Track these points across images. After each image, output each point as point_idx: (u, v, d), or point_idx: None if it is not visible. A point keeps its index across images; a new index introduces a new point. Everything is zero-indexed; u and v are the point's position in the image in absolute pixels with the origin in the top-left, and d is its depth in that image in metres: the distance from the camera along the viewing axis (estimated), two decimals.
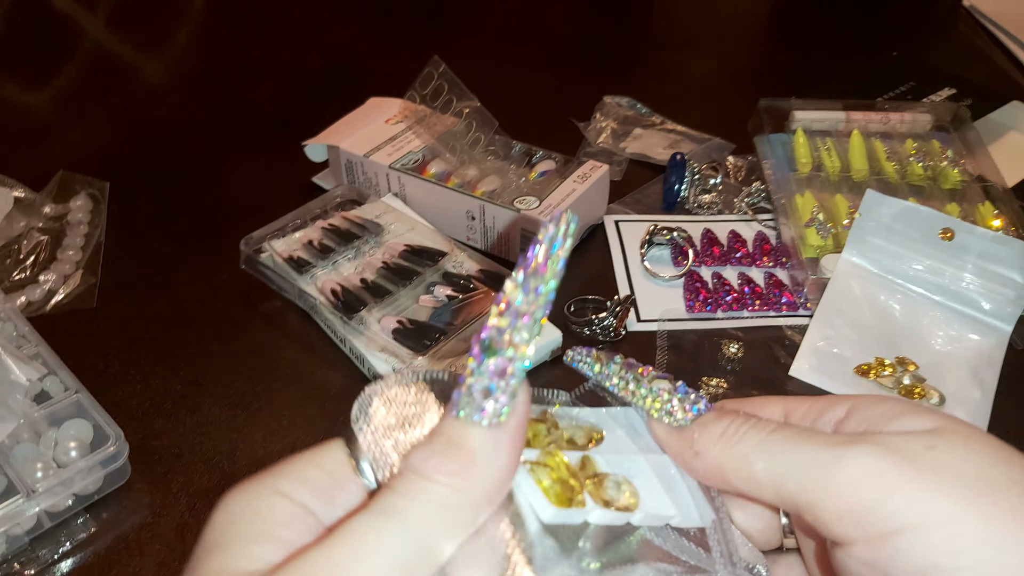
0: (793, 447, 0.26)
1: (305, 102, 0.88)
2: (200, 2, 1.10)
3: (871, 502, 0.24)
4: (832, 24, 1.07)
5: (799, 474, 0.25)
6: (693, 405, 0.29)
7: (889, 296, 0.59)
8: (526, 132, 0.72)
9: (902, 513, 0.23)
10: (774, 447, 0.26)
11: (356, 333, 0.54)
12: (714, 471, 0.28)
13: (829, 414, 0.28)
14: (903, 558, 0.23)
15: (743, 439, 0.27)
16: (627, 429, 0.31)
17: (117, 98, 0.88)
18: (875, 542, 0.24)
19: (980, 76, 0.90)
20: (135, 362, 0.57)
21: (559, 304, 0.60)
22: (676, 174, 0.70)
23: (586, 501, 0.27)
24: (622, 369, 0.30)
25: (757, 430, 0.27)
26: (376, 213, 0.63)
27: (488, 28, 1.05)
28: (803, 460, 0.25)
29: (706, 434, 0.28)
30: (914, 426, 0.26)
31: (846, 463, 0.24)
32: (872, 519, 0.24)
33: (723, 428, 0.28)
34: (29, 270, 0.64)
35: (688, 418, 0.29)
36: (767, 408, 0.30)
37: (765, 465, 0.26)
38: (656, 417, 0.29)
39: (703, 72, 0.94)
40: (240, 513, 0.23)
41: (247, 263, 0.60)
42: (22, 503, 0.44)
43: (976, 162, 0.68)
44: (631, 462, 0.29)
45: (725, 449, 0.27)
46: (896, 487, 0.24)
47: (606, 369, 0.31)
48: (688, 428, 0.28)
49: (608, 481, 0.28)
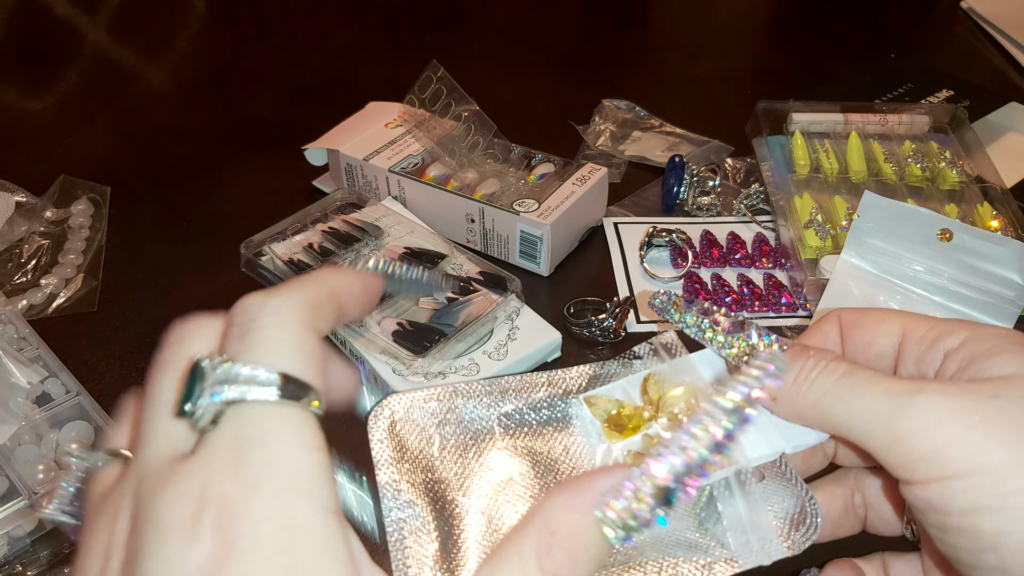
0: (859, 396, 0.27)
1: (305, 106, 0.88)
2: (201, 7, 1.11)
3: (930, 451, 0.25)
4: (830, 26, 1.07)
5: (866, 423, 0.27)
6: (767, 350, 0.30)
7: (888, 297, 0.59)
8: (525, 135, 0.72)
9: (958, 461, 0.25)
10: (842, 395, 0.28)
11: (356, 335, 0.54)
12: (791, 414, 0.30)
13: (945, 341, 0.29)
14: (958, 499, 0.25)
15: (813, 386, 0.28)
16: (712, 368, 0.33)
17: (118, 103, 0.88)
18: (933, 485, 0.26)
19: (978, 77, 0.90)
20: (136, 365, 0.57)
21: (558, 305, 0.60)
22: (675, 176, 0.70)
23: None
24: (698, 317, 0.32)
25: (826, 376, 0.28)
26: (376, 216, 0.63)
27: (487, 31, 1.06)
28: (869, 409, 0.27)
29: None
30: (1000, 370, 0.27)
31: (909, 414, 0.26)
32: (931, 466, 0.25)
33: (795, 374, 0.29)
34: (30, 274, 0.64)
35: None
36: (886, 323, 0.31)
37: (834, 411, 0.28)
38: (734, 363, 0.31)
39: (701, 75, 0.95)
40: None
41: (247, 266, 0.60)
42: (24, 505, 0.44)
43: (974, 163, 0.68)
44: None
45: (798, 395, 0.29)
46: (955, 437, 0.25)
47: (685, 317, 0.32)
48: None
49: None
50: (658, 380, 0.32)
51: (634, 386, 0.33)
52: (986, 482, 0.25)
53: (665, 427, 0.31)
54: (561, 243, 0.64)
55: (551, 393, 0.33)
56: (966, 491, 0.25)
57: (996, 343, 0.28)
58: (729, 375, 0.32)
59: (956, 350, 0.28)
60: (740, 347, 0.31)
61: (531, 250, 0.63)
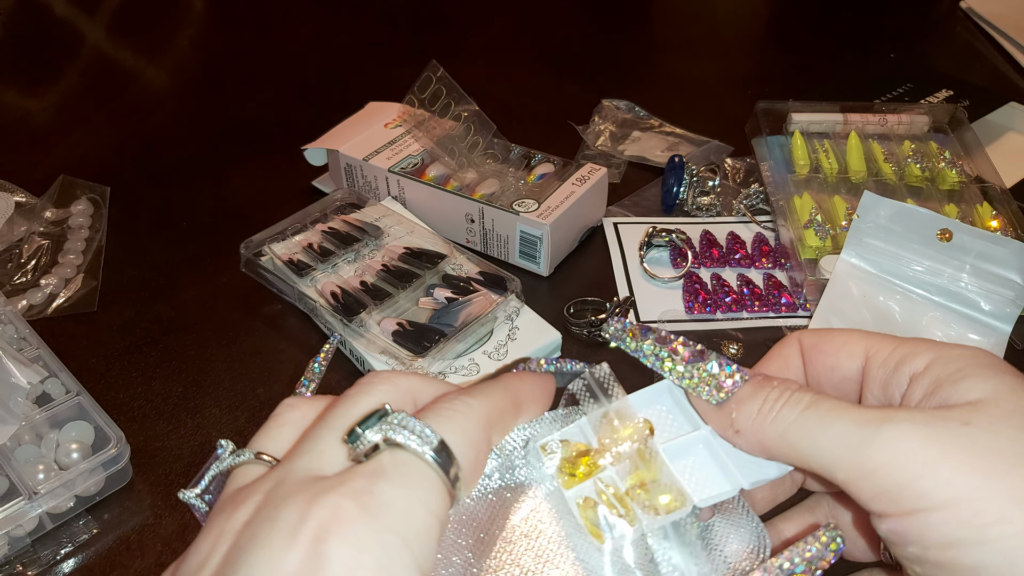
0: (825, 427, 0.26)
1: (304, 106, 0.88)
2: (200, 7, 1.11)
3: (902, 483, 0.25)
4: (829, 26, 1.07)
5: (833, 455, 0.26)
6: (728, 380, 0.29)
7: (888, 297, 0.59)
8: (525, 135, 0.72)
9: (932, 493, 0.24)
10: (808, 426, 0.27)
11: (356, 335, 0.54)
12: (755, 447, 0.29)
13: (910, 364, 0.28)
14: (933, 532, 0.24)
15: (778, 417, 0.28)
16: (677, 400, 0.32)
17: (118, 103, 0.88)
18: (906, 518, 0.25)
19: (977, 77, 0.90)
20: (136, 364, 0.57)
21: (558, 305, 0.60)
22: (675, 176, 0.70)
23: (638, 515, 0.29)
24: (655, 345, 0.31)
25: (791, 407, 0.27)
26: (375, 216, 0.63)
27: (486, 32, 1.06)
28: (836, 440, 0.26)
29: (743, 412, 0.29)
30: (968, 395, 0.26)
31: (879, 444, 0.25)
32: (904, 498, 0.25)
33: (758, 405, 0.28)
34: (30, 274, 0.64)
35: (724, 394, 0.29)
36: (848, 346, 0.30)
37: (801, 444, 0.27)
38: (694, 394, 0.30)
39: (701, 75, 0.95)
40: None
41: (247, 266, 0.60)
42: (24, 505, 0.44)
43: (974, 163, 0.68)
44: (681, 445, 0.30)
45: (763, 427, 0.28)
46: (927, 467, 0.24)
47: (641, 346, 0.31)
48: (726, 404, 0.29)
49: (657, 488, 0.29)
50: (611, 419, 0.31)
51: (591, 428, 0.32)
52: (962, 514, 0.24)
53: (609, 464, 0.30)
54: (561, 243, 0.64)
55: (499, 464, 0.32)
56: (941, 523, 0.24)
57: (961, 366, 0.27)
58: (689, 405, 0.31)
59: (921, 374, 0.28)
60: (700, 377, 0.30)
61: (531, 250, 0.63)
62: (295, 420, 0.28)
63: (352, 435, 0.25)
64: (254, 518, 0.23)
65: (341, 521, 0.22)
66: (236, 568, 0.22)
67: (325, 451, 0.25)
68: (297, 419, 0.29)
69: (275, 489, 0.24)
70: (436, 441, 0.24)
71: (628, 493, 0.30)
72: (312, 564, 0.21)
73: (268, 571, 0.22)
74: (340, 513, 0.22)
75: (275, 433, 0.28)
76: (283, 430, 0.28)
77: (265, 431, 0.28)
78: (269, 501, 0.24)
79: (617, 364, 0.32)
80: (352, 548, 0.22)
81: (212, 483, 0.29)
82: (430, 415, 0.26)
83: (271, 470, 0.26)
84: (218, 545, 0.23)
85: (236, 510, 0.24)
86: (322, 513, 0.22)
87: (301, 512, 0.22)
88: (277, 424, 0.29)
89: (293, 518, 0.22)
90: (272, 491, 0.24)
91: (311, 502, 0.22)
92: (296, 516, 0.22)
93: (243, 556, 0.22)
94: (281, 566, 0.21)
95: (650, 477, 0.30)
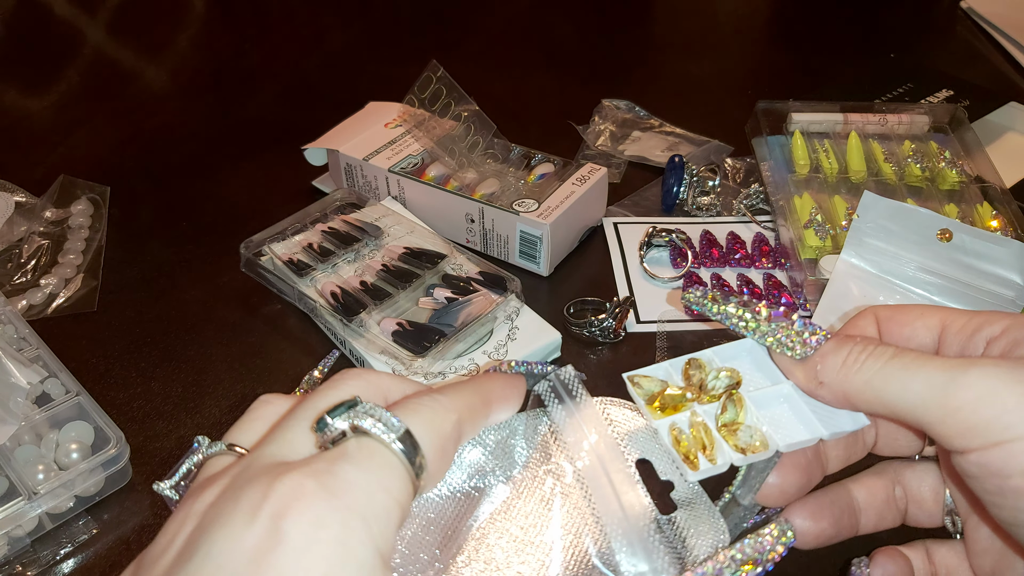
0: (912, 373, 0.28)
1: (305, 106, 0.88)
2: (200, 7, 1.11)
3: (987, 419, 0.26)
4: (829, 26, 1.07)
5: (919, 397, 0.28)
6: (812, 337, 0.31)
7: (888, 297, 0.59)
8: (525, 135, 0.72)
9: (1017, 425, 0.26)
10: (894, 373, 0.28)
11: (356, 335, 0.54)
12: (839, 397, 0.30)
13: (986, 331, 0.30)
14: (1016, 460, 0.26)
15: (864, 366, 0.29)
16: (753, 357, 0.34)
17: (118, 103, 0.88)
18: (992, 450, 0.26)
19: (978, 77, 0.90)
20: (136, 364, 0.57)
21: (558, 305, 0.60)
22: (675, 176, 0.70)
23: (725, 451, 0.31)
24: (739, 308, 0.33)
25: (876, 358, 0.29)
26: (375, 216, 0.63)
27: (486, 31, 1.06)
28: (922, 384, 0.28)
29: (828, 364, 0.30)
30: None
31: (964, 385, 0.27)
32: (989, 431, 0.26)
33: (843, 357, 0.30)
34: (30, 274, 0.64)
35: (808, 350, 0.31)
36: (924, 318, 0.32)
37: (887, 390, 0.28)
38: (778, 352, 0.32)
39: (701, 75, 0.95)
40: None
41: (247, 266, 0.60)
42: (24, 505, 0.44)
43: (974, 163, 0.68)
44: (764, 397, 0.32)
45: (847, 377, 0.30)
46: (1010, 403, 0.26)
47: (724, 309, 0.33)
48: (810, 359, 0.31)
49: (742, 430, 0.31)
50: (699, 364, 0.33)
51: (676, 369, 0.34)
52: None
53: (698, 404, 0.32)
54: (561, 243, 0.64)
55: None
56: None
57: None
58: (768, 364, 0.33)
59: (998, 337, 0.30)
60: (785, 335, 0.32)
61: (531, 250, 0.63)
62: (268, 415, 0.29)
63: (320, 423, 0.25)
64: (218, 499, 0.24)
65: (300, 498, 0.23)
66: (198, 546, 0.23)
67: (293, 439, 0.26)
68: (271, 413, 0.29)
69: (241, 473, 0.25)
70: (402, 430, 0.25)
71: (718, 430, 0.32)
72: (271, 540, 0.22)
73: (228, 547, 0.22)
74: (300, 491, 0.23)
75: (248, 426, 0.29)
76: (256, 424, 0.29)
77: (239, 424, 0.29)
78: (234, 484, 0.24)
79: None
80: (311, 525, 0.22)
81: (187, 476, 0.30)
82: (399, 408, 0.27)
83: (240, 458, 0.27)
84: (184, 526, 0.24)
85: (202, 493, 0.25)
86: (283, 491, 0.23)
87: (263, 491, 0.23)
88: (251, 418, 0.29)
89: (256, 496, 0.23)
90: (238, 475, 0.25)
91: (273, 481, 0.23)
92: (258, 495, 0.23)
93: (205, 535, 0.23)
94: (241, 542, 0.22)
95: (737, 420, 0.32)
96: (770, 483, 0.32)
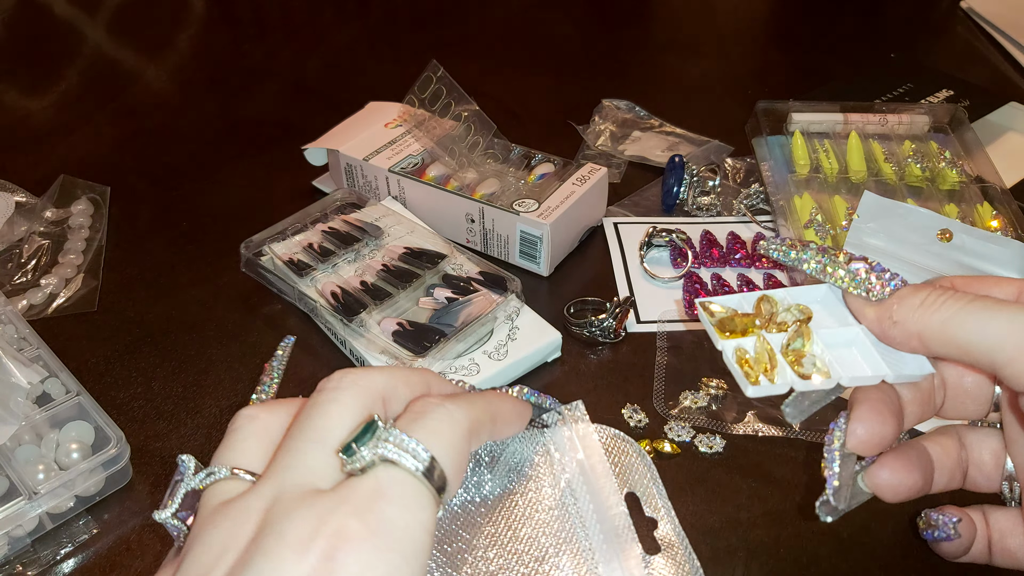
0: (991, 313, 0.29)
1: (305, 106, 0.88)
2: (200, 7, 1.11)
3: None
4: (830, 26, 1.07)
5: (997, 337, 0.28)
6: (891, 281, 0.32)
7: None
8: (525, 135, 0.72)
9: None
10: (973, 313, 0.29)
11: (356, 335, 0.54)
12: (912, 337, 0.31)
13: None
14: None
15: (942, 307, 0.30)
16: (824, 304, 0.35)
17: (118, 103, 0.88)
18: None
19: (978, 77, 0.90)
20: (136, 364, 0.57)
21: (559, 305, 0.60)
22: (675, 176, 0.70)
23: (787, 375, 0.32)
24: (818, 254, 0.34)
25: (955, 299, 0.30)
26: (376, 216, 0.63)
27: (486, 31, 1.06)
28: (999, 326, 0.28)
29: (905, 304, 0.31)
30: None
31: None
32: None
33: (922, 298, 0.31)
34: (30, 274, 0.64)
35: (886, 292, 0.32)
36: (1001, 284, 0.33)
37: (964, 328, 0.29)
38: (855, 293, 0.33)
39: (701, 75, 0.95)
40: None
41: (247, 266, 0.60)
42: (24, 505, 0.44)
43: (974, 163, 0.68)
44: (833, 335, 0.33)
45: (924, 316, 0.30)
46: None
47: (803, 255, 0.34)
48: (886, 300, 0.32)
49: (806, 358, 0.32)
50: (771, 300, 0.34)
51: (749, 302, 0.35)
52: None
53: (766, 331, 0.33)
54: (561, 243, 0.64)
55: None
56: None
57: None
58: (841, 309, 0.34)
59: None
60: (862, 277, 0.33)
61: (531, 250, 0.63)
62: (257, 431, 0.29)
63: (348, 450, 0.26)
64: (259, 533, 0.24)
65: (348, 540, 0.23)
66: None
67: (313, 465, 0.26)
68: (259, 429, 0.29)
69: (274, 506, 0.25)
70: (428, 459, 0.26)
71: (783, 355, 0.32)
72: (318, 573, 0.23)
73: None
74: (347, 533, 0.24)
75: (241, 446, 0.29)
76: (248, 442, 0.29)
77: (228, 445, 0.29)
78: (272, 518, 0.25)
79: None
80: (360, 566, 0.23)
81: (186, 502, 0.29)
82: (418, 428, 0.27)
83: (256, 485, 0.27)
84: (224, 557, 0.24)
85: (238, 525, 0.25)
86: (328, 532, 0.24)
87: (310, 529, 0.24)
88: (240, 437, 0.29)
89: (302, 533, 0.24)
90: (272, 508, 0.25)
91: (320, 520, 0.24)
92: (305, 532, 0.24)
93: (255, 565, 0.23)
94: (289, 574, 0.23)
95: (803, 349, 0.33)
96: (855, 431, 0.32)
